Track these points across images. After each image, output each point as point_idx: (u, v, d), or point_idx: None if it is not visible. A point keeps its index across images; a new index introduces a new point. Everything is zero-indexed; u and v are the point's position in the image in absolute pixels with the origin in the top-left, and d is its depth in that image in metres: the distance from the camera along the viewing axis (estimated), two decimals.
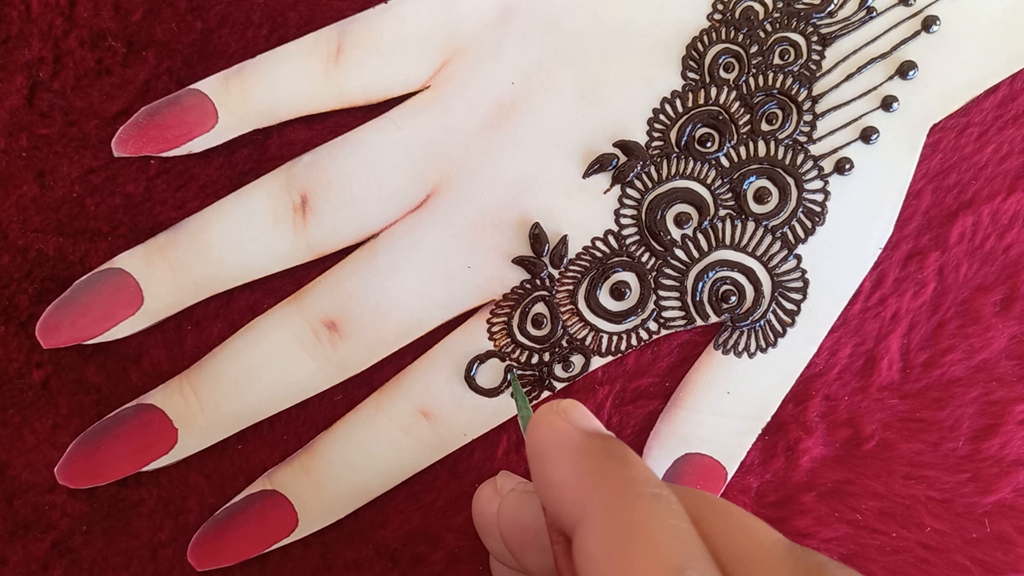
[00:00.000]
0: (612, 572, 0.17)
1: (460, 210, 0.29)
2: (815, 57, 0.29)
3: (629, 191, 0.29)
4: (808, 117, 0.29)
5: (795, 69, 0.29)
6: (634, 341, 0.28)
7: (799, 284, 0.28)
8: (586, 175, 0.29)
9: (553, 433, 0.20)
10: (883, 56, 0.29)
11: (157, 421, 0.29)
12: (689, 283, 0.28)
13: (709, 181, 0.29)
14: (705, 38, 0.29)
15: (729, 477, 0.28)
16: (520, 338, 0.29)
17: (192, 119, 0.30)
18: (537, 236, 0.29)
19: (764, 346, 0.28)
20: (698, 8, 0.29)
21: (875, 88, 0.28)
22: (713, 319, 0.28)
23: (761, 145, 0.29)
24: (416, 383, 0.29)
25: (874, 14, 0.29)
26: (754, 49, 0.29)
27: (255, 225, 0.29)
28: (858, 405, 0.28)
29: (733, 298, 0.28)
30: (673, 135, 0.29)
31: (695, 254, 0.28)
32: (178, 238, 0.29)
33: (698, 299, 0.28)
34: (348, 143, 0.30)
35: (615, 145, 0.29)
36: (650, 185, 0.29)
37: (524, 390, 0.28)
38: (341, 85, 0.30)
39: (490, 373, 0.28)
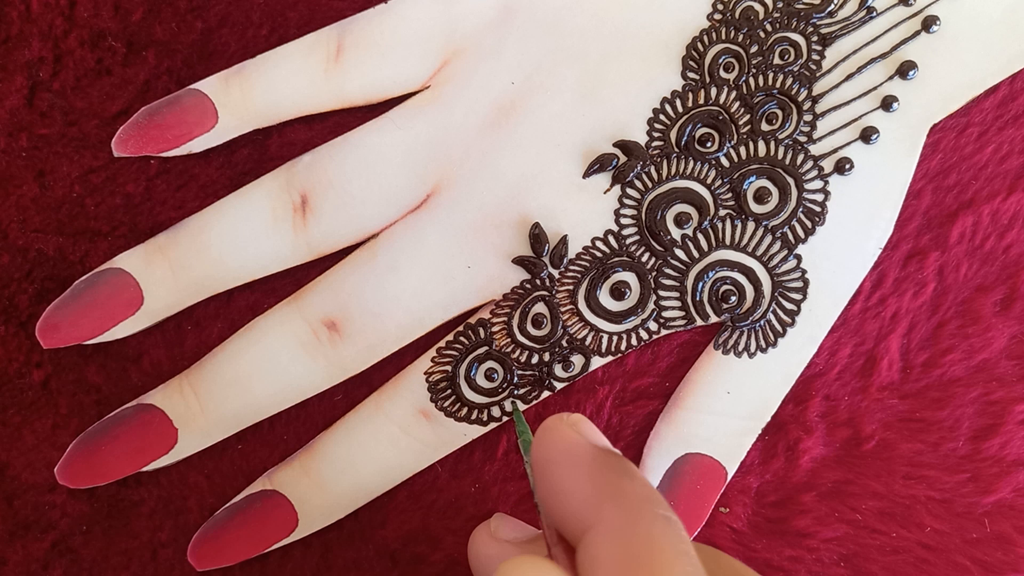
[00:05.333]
0: None
1: (460, 210, 0.29)
2: (815, 57, 0.29)
3: (629, 191, 0.29)
4: (808, 117, 0.29)
5: (795, 69, 0.29)
6: (634, 341, 0.28)
7: (799, 284, 0.28)
8: (586, 175, 0.29)
9: (564, 443, 0.21)
10: (883, 56, 0.29)
11: (157, 421, 0.29)
12: (689, 283, 0.28)
13: (709, 181, 0.29)
14: (705, 38, 0.29)
15: (729, 477, 0.28)
16: (520, 338, 0.29)
17: (192, 119, 0.30)
18: (537, 236, 0.29)
19: (764, 346, 0.28)
20: (698, 8, 0.29)
21: (875, 88, 0.28)
22: (713, 319, 0.28)
23: (761, 145, 0.29)
24: (416, 383, 0.29)
25: (874, 14, 0.29)
26: (754, 49, 0.29)
27: (255, 225, 0.29)
28: (858, 405, 0.28)
29: (733, 298, 0.28)
30: (673, 135, 0.29)
31: (695, 254, 0.28)
32: (178, 238, 0.29)
33: (698, 299, 0.28)
34: (348, 143, 0.30)
35: (615, 145, 0.29)
36: (650, 185, 0.29)
37: (524, 390, 0.28)
38: (341, 85, 0.30)
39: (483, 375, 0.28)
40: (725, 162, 0.29)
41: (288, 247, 0.29)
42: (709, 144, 0.29)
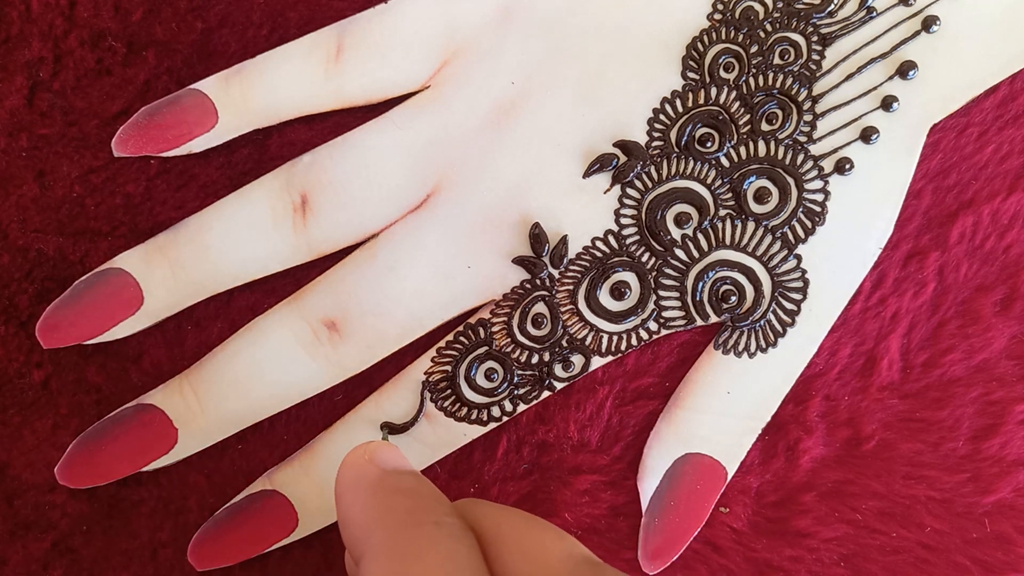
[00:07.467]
0: None
1: (460, 210, 0.29)
2: (815, 57, 0.29)
3: (629, 191, 0.29)
4: (808, 117, 0.29)
5: (795, 69, 0.29)
6: (634, 341, 0.28)
7: (799, 284, 0.28)
8: (586, 175, 0.29)
9: (353, 474, 0.21)
10: (883, 56, 0.29)
11: (157, 421, 0.29)
12: (689, 283, 0.28)
13: (709, 181, 0.29)
14: (705, 38, 0.29)
15: (729, 477, 0.28)
16: (520, 338, 0.29)
17: (192, 119, 0.30)
18: (537, 236, 0.29)
19: (764, 346, 0.28)
20: (698, 8, 0.29)
21: (875, 88, 0.28)
22: (713, 319, 0.28)
23: (761, 145, 0.29)
24: (416, 383, 0.29)
25: (874, 14, 0.29)
26: (754, 49, 0.29)
27: (255, 225, 0.29)
28: (858, 405, 0.28)
29: (733, 298, 0.28)
30: (673, 135, 0.29)
31: (695, 254, 0.28)
32: (178, 238, 0.29)
33: (698, 299, 0.28)
34: (348, 143, 0.30)
35: (615, 145, 0.29)
36: (650, 185, 0.29)
37: (523, 390, 0.28)
38: (341, 85, 0.30)
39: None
40: (725, 162, 0.29)
41: (288, 247, 0.29)
42: (709, 144, 0.29)
